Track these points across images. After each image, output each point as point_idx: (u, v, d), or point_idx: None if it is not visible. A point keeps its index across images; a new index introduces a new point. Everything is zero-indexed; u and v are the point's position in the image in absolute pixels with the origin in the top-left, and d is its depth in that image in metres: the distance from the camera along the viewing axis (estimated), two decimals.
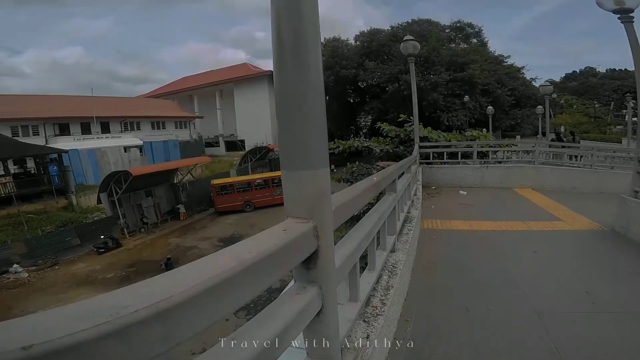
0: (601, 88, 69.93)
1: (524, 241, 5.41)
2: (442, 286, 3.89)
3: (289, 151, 1.14)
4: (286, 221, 1.11)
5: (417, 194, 6.16)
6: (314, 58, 1.05)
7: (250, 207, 24.37)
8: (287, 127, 1.12)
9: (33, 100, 29.52)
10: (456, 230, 6.06)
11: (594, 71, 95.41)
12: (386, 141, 12.07)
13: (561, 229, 5.97)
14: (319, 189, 1.09)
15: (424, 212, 7.04)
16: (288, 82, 1.06)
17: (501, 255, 4.78)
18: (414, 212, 4.84)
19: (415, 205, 5.31)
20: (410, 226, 4.15)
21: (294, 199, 1.11)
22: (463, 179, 10.57)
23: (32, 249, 16.63)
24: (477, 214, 7.28)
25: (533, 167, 10.37)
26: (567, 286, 3.83)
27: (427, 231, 5.93)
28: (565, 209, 7.31)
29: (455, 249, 5.13)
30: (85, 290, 14.38)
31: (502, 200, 8.78)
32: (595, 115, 55.60)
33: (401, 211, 3.96)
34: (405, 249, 3.32)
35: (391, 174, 3.10)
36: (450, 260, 4.68)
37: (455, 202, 8.62)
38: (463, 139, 12.74)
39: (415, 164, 6.54)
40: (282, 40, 1.01)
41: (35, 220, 18.91)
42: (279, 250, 0.93)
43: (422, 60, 31.81)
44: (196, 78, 50.84)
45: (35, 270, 16.06)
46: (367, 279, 2.21)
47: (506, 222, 6.42)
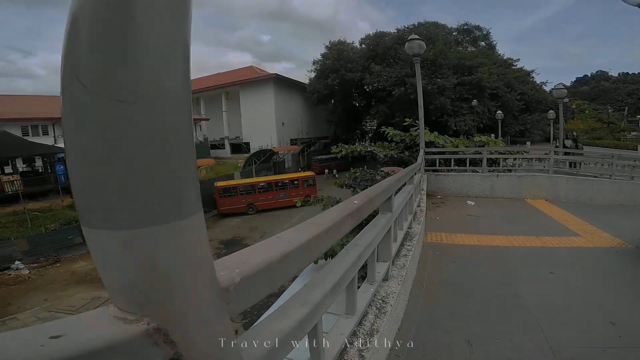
0: (614, 92, 68.50)
1: (538, 259, 4.90)
2: (443, 313, 3.42)
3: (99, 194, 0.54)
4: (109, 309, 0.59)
5: (421, 205, 5.67)
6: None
7: (252, 210, 24.18)
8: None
9: (43, 101, 29.86)
10: (462, 245, 5.51)
11: (606, 75, 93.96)
12: (391, 146, 11.63)
13: (580, 246, 5.41)
14: (180, 252, 0.58)
15: (428, 223, 6.53)
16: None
17: (512, 276, 4.27)
18: (416, 228, 4.41)
19: (418, 219, 4.85)
20: (410, 245, 3.69)
21: (115, 276, 0.58)
22: (471, 188, 9.95)
23: (35, 246, 16.84)
24: (486, 227, 6.72)
25: (547, 176, 9.63)
26: (588, 315, 3.32)
27: (430, 246, 5.44)
28: (583, 223, 6.73)
29: (461, 267, 4.62)
30: (84, 289, 14.36)
31: (514, 212, 8.14)
32: (609, 121, 54.30)
33: (399, 229, 3.52)
34: (401, 276, 2.85)
35: (384, 191, 2.53)
36: (455, 280, 4.17)
37: (463, 213, 8.04)
38: (471, 145, 12.06)
39: (419, 171, 6.00)
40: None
41: (40, 218, 19.01)
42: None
43: (429, 63, 31.37)
44: (202, 81, 50.96)
45: (36, 268, 16.20)
46: (341, 328, 1.76)
47: (518, 237, 5.84)
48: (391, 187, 2.76)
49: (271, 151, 32.87)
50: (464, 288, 3.94)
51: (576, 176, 9.75)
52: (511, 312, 3.40)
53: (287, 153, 38.28)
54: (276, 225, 20.95)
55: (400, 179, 3.41)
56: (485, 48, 42.23)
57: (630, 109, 57.93)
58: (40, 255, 16.80)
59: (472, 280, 4.16)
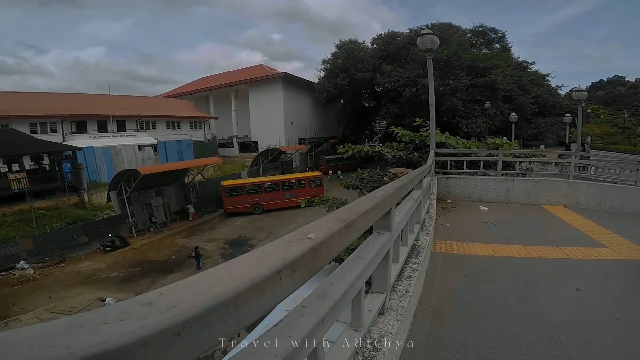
0: (633, 97, 66.72)
1: (561, 273, 4.40)
2: (451, 341, 2.88)
3: None
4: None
5: (430, 212, 5.21)
6: None
7: (259, 209, 24.04)
8: None
9: (52, 98, 30.14)
10: (475, 256, 5.00)
11: (623, 80, 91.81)
12: (400, 147, 11.22)
13: (607, 258, 4.92)
14: None
15: (437, 230, 6.04)
16: None
17: (534, 293, 3.76)
18: (424, 239, 3.90)
19: (427, 228, 4.42)
20: (416, 263, 3.15)
21: None
22: (484, 193, 9.39)
23: (40, 246, 16.78)
24: (501, 236, 6.16)
25: (567, 181, 9.03)
26: (624, 342, 2.88)
27: (439, 256, 4.95)
28: (608, 232, 6.22)
29: (474, 282, 4.12)
30: (87, 289, 14.31)
31: (531, 219, 7.57)
32: (625, 126, 52.78)
33: (403, 245, 2.98)
34: (402, 308, 2.26)
35: (376, 207, 1.74)
36: (467, 299, 3.66)
37: (475, 219, 7.50)
38: (484, 147, 11.47)
39: (429, 174, 5.53)
40: None
41: (47, 217, 19.01)
42: None
43: (442, 64, 30.82)
44: (212, 79, 51.16)
45: (41, 267, 16.20)
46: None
47: (538, 247, 5.32)
48: (389, 199, 2.00)
49: (279, 150, 32.67)
50: (478, 309, 3.47)
51: (595, 182, 9.14)
52: (535, 341, 2.91)
53: (294, 152, 38.07)
54: (282, 226, 20.77)
55: (404, 186, 2.66)
56: (500, 50, 41.42)
57: None
58: (45, 255, 16.75)
59: (487, 299, 3.68)
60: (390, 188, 2.22)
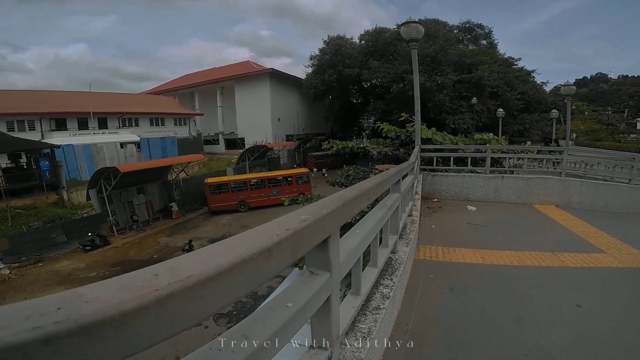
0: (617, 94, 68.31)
1: (558, 283, 3.94)
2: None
3: None
4: None
5: (414, 215, 4.71)
6: None
7: (244, 207, 23.46)
8: None
9: (29, 95, 29.01)
10: (462, 264, 4.53)
11: (605, 77, 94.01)
12: (386, 142, 10.86)
13: (607, 266, 4.46)
14: None
15: (422, 233, 5.59)
16: None
17: (529, 310, 3.31)
18: (403, 251, 3.34)
19: (408, 236, 3.83)
20: (389, 286, 2.54)
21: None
22: (472, 191, 8.90)
23: (16, 245, 16.24)
24: (490, 239, 5.69)
25: (559, 179, 8.54)
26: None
27: (423, 264, 4.47)
28: (605, 235, 5.79)
29: (461, 297, 3.63)
30: (64, 289, 13.50)
31: (522, 220, 7.12)
32: (609, 123, 53.85)
33: (373, 266, 2.44)
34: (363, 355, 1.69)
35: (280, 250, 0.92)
36: (452, 320, 3.16)
37: (462, 220, 7.02)
38: (472, 143, 11.10)
39: (412, 172, 4.79)
40: None
41: (24, 216, 18.39)
42: None
43: (429, 60, 30.61)
44: (198, 75, 49.99)
45: (17, 267, 15.68)
46: None
47: (530, 253, 4.86)
48: (320, 225, 1.17)
49: (265, 147, 32.02)
50: (466, 331, 2.97)
51: (590, 180, 8.78)
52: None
53: (282, 149, 37.47)
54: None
55: (362, 195, 1.78)
56: (487, 47, 41.53)
57: (631, 111, 57.53)
58: (22, 254, 16.20)
59: (474, 319, 3.20)
60: (329, 203, 1.34)
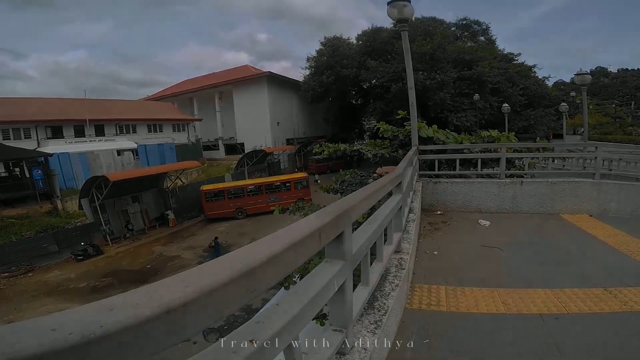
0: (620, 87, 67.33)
1: (627, 343, 2.60)
2: None
3: None
4: None
5: (409, 230, 3.84)
6: None
7: (242, 214, 23.01)
8: None
9: (26, 103, 28.88)
10: (476, 316, 3.08)
11: (605, 71, 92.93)
12: (384, 144, 9.98)
13: None
14: None
15: (419, 263, 4.38)
16: None
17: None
18: (392, 297, 2.45)
19: (396, 278, 2.80)
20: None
21: None
22: (484, 201, 7.36)
23: (6, 255, 16.07)
24: (514, 271, 4.19)
25: (592, 182, 7.06)
26: None
27: (416, 318, 3.08)
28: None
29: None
30: (52, 300, 13.54)
31: (551, 237, 5.48)
32: (617, 116, 52.74)
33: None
34: None
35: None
36: None
37: (474, 241, 5.41)
38: (478, 141, 9.26)
39: (400, 188, 3.37)
40: None
41: (16, 225, 18.06)
42: None
43: (427, 57, 30.15)
44: (196, 80, 49.91)
45: (7, 277, 15.49)
46: None
47: (573, 291, 3.43)
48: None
49: (263, 152, 31.61)
50: None
51: (632, 183, 7.31)
52: None
53: (282, 153, 37.08)
54: (266, 230, 19.75)
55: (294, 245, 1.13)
56: (485, 43, 40.98)
57: (638, 104, 56.47)
58: (12, 264, 16.00)
59: None
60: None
